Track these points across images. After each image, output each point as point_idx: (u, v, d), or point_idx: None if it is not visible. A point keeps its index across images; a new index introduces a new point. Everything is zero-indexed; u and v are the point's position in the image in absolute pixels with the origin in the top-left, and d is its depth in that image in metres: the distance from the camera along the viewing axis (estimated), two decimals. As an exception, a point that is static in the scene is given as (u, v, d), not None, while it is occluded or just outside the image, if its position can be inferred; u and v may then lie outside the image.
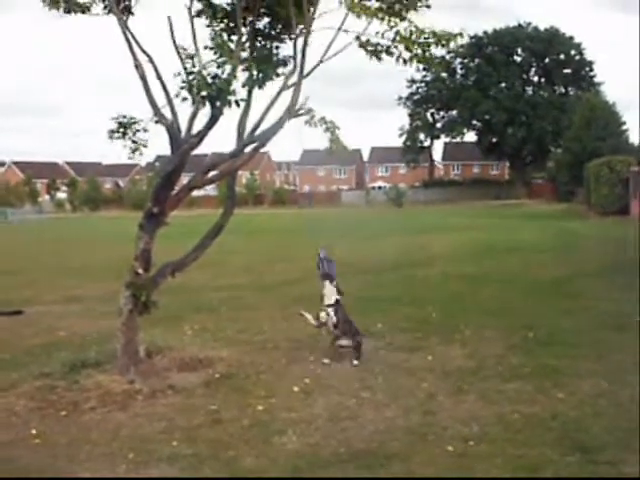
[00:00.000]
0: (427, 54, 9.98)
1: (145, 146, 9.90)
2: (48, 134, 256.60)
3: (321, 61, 9.87)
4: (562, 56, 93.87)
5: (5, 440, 7.72)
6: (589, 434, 7.30)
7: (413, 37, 9.78)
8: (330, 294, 10.74)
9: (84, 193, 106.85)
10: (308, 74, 9.94)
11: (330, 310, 10.69)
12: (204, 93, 9.06)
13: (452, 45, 10.03)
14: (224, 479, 6.40)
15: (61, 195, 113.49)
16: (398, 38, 9.81)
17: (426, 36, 9.78)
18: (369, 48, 10.04)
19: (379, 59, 10.07)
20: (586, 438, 7.18)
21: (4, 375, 10.12)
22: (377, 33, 9.89)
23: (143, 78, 9.52)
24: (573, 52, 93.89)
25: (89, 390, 9.11)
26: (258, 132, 9.99)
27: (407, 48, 9.86)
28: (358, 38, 9.96)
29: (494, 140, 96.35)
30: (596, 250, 24.99)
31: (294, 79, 9.95)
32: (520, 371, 9.65)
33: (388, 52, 10.00)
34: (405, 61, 10.01)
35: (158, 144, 10.86)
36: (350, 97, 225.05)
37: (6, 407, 8.72)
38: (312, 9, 9.78)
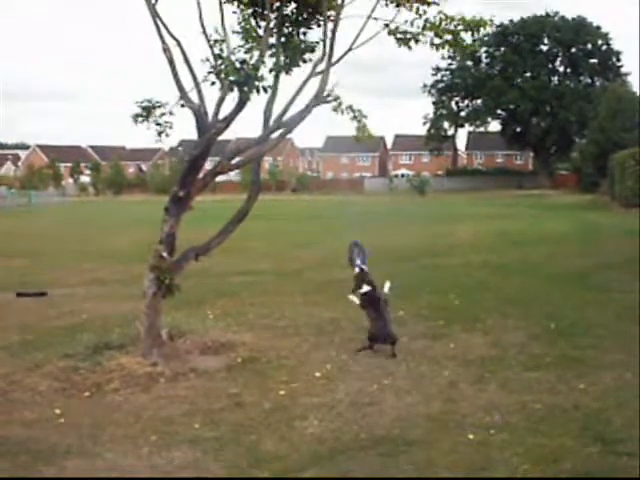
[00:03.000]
0: (458, 39, 9.96)
1: (171, 128, 9.93)
2: (72, 118, 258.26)
3: (350, 49, 9.89)
4: (589, 46, 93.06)
5: (31, 419, 7.81)
6: (611, 425, 7.27)
7: (442, 25, 9.76)
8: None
9: (108, 177, 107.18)
10: (337, 61, 9.96)
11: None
12: (232, 78, 9.09)
13: (482, 31, 10.02)
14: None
15: (84, 179, 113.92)
16: (428, 26, 9.79)
17: (456, 23, 9.76)
18: (398, 36, 10.01)
19: (409, 47, 10.04)
20: (607, 429, 7.16)
21: (29, 356, 10.23)
22: (406, 22, 9.89)
23: (171, 62, 9.51)
24: (600, 42, 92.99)
25: (112, 372, 9.19)
26: (285, 118, 10.00)
27: (437, 35, 9.84)
28: (387, 26, 9.95)
29: (518, 130, 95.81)
30: (619, 242, 24.82)
31: (322, 66, 9.96)
32: (542, 361, 9.62)
33: (417, 40, 9.98)
34: (437, 47, 9.99)
35: (182, 129, 10.92)
36: (374, 84, 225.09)
37: (31, 387, 8.82)
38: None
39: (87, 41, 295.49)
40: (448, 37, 9.90)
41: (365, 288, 10.42)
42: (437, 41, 9.99)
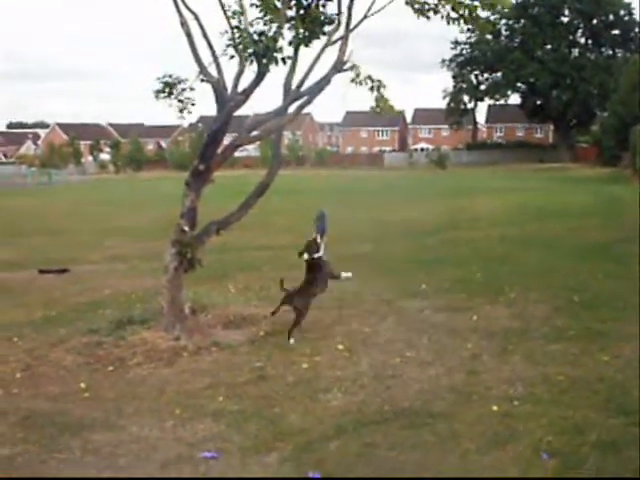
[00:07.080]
0: (474, 15, 9.86)
1: (193, 104, 9.92)
2: (92, 96, 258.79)
3: (366, 16, 9.81)
4: (610, 17, 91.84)
5: (56, 393, 7.88)
6: (633, 398, 7.23)
7: None
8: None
9: (127, 154, 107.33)
10: (354, 28, 9.89)
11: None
12: (251, 50, 9.05)
13: (498, 8, 9.91)
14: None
15: (104, 156, 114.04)
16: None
17: None
18: (416, 6, 9.92)
19: (427, 18, 9.95)
20: (631, 401, 7.11)
21: (53, 331, 10.30)
22: None
23: (189, 36, 9.49)
24: (622, 12, 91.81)
25: (135, 346, 9.24)
26: (303, 89, 9.96)
27: (454, 9, 9.75)
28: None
29: (539, 103, 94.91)
30: (641, 215, 24.63)
31: (339, 34, 9.90)
32: (565, 333, 9.58)
33: (435, 11, 9.88)
34: (454, 20, 9.89)
35: (201, 105, 10.90)
36: (393, 58, 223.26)
37: (56, 361, 8.89)
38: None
39: (109, 19, 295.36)
40: (465, 12, 9.79)
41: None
42: (453, 15, 9.89)
